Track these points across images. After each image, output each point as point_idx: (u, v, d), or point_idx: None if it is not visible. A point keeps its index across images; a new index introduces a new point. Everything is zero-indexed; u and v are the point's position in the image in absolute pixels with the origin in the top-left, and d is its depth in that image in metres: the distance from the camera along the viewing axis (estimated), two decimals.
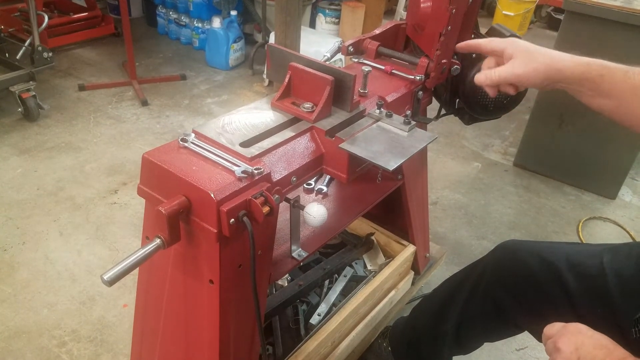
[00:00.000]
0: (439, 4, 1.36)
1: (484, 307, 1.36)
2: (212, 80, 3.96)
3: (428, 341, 1.55)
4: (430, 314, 1.55)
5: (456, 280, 1.49)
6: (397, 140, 1.19)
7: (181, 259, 1.09)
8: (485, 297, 1.36)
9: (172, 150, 1.05)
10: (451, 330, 1.45)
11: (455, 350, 1.53)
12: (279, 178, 1.07)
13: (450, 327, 1.45)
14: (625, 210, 2.82)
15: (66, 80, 3.73)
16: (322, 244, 1.37)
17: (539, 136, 2.98)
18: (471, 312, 1.40)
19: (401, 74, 1.49)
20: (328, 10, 4.20)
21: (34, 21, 3.02)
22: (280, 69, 1.30)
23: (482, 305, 1.37)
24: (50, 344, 1.82)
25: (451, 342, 1.48)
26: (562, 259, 1.15)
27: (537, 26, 5.87)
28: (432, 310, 1.55)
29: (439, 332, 1.49)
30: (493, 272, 1.34)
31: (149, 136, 3.14)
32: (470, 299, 1.40)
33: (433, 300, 1.58)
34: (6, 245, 2.22)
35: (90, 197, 2.56)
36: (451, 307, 1.45)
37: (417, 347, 1.60)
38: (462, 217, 2.65)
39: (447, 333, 1.46)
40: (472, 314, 1.40)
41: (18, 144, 2.93)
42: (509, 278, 1.27)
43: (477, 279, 1.39)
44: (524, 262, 1.24)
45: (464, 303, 1.42)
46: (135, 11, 4.92)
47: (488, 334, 1.47)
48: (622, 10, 2.45)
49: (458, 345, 1.49)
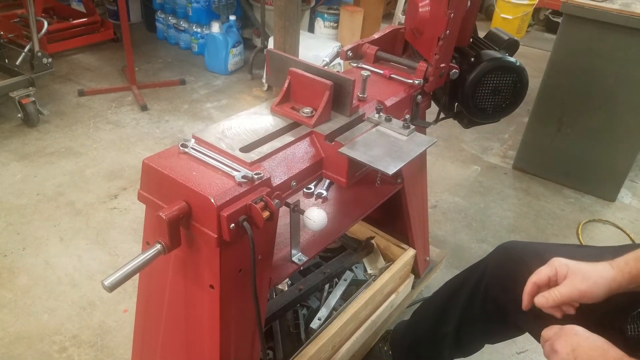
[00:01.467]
0: (437, 8, 1.37)
1: (485, 308, 1.36)
2: (212, 85, 3.97)
3: (428, 343, 1.55)
4: (431, 317, 1.55)
5: (456, 282, 1.49)
6: (396, 145, 1.19)
7: (181, 264, 1.09)
8: (485, 298, 1.36)
9: (172, 155, 1.05)
10: (451, 332, 1.45)
11: (455, 352, 1.53)
12: (278, 183, 1.08)
13: (450, 329, 1.45)
14: (625, 212, 2.83)
15: (66, 85, 3.73)
16: (322, 248, 1.37)
17: (538, 139, 2.98)
18: (471, 313, 1.40)
19: (400, 79, 1.49)
20: (327, 15, 4.21)
21: (33, 27, 3.02)
22: (279, 74, 1.30)
23: (482, 306, 1.37)
24: (51, 350, 1.82)
25: (451, 344, 1.48)
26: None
27: (535, 29, 5.88)
28: (432, 313, 1.55)
29: (439, 334, 1.49)
30: (493, 273, 1.34)
31: (148, 141, 3.15)
32: (470, 301, 1.40)
33: (433, 302, 1.58)
34: (6, 250, 2.22)
35: (90, 202, 2.56)
36: (451, 309, 1.45)
37: (418, 349, 1.60)
38: (462, 220, 2.65)
39: (448, 335, 1.46)
40: (472, 315, 1.40)
41: (18, 149, 2.94)
42: (509, 278, 1.28)
43: (477, 280, 1.39)
44: (525, 263, 1.24)
45: (464, 304, 1.42)
46: (134, 16, 4.93)
47: (488, 335, 1.47)
48: (620, 13, 2.46)
49: (458, 347, 1.49)
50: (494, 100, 1.56)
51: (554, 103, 2.84)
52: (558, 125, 2.87)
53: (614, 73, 2.60)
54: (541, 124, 2.93)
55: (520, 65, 1.52)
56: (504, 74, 1.52)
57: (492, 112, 1.59)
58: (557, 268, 1.06)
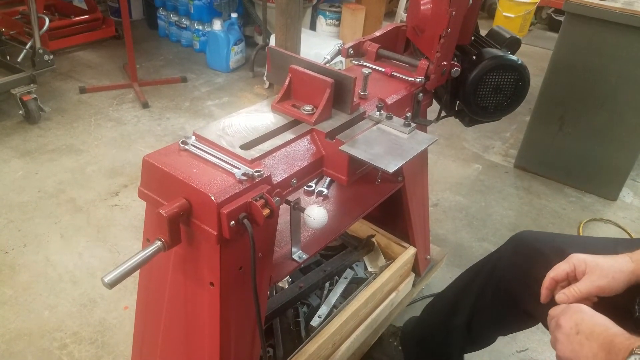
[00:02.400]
0: (439, 6, 1.36)
1: (497, 297, 1.36)
2: (213, 82, 3.96)
3: (439, 337, 1.55)
4: (442, 310, 1.55)
5: (469, 274, 1.50)
6: (397, 143, 1.19)
7: (182, 261, 1.09)
8: (498, 287, 1.36)
9: (173, 152, 1.05)
10: (463, 324, 1.45)
11: (466, 344, 1.52)
12: (279, 180, 1.07)
13: (462, 320, 1.45)
14: (626, 211, 2.82)
15: (67, 82, 3.73)
16: (323, 246, 1.37)
17: (539, 138, 2.98)
18: (483, 303, 1.40)
19: (401, 76, 1.49)
20: (328, 13, 4.20)
21: (35, 24, 3.02)
22: (280, 72, 1.30)
23: (495, 294, 1.37)
24: (52, 346, 1.82)
25: (463, 337, 1.48)
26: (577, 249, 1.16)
27: (538, 28, 5.87)
28: (443, 307, 1.56)
29: (450, 326, 1.49)
30: (508, 261, 1.34)
31: (149, 138, 3.15)
32: (482, 291, 1.40)
33: (444, 296, 1.58)
34: (7, 247, 2.22)
35: (91, 199, 2.56)
36: (464, 300, 1.46)
37: (428, 344, 1.60)
38: (463, 219, 2.65)
39: (459, 327, 1.46)
40: (484, 304, 1.40)
41: (19, 146, 2.94)
42: (523, 267, 1.28)
43: (490, 270, 1.39)
44: (539, 251, 1.25)
45: (476, 295, 1.42)
46: (136, 14, 4.92)
47: (500, 325, 1.46)
48: (623, 11, 2.45)
49: (470, 339, 1.49)
50: (496, 98, 1.56)
51: (555, 102, 2.84)
52: (560, 124, 2.86)
53: (616, 72, 2.59)
54: (543, 123, 2.93)
55: (521, 64, 1.52)
56: (505, 72, 1.52)
57: (493, 110, 1.58)
58: (575, 264, 1.07)
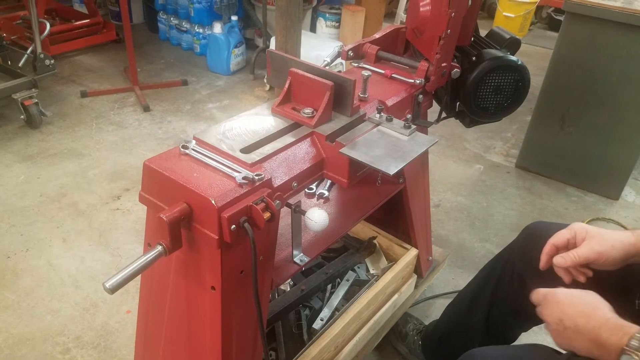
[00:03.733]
0: (438, 8, 1.36)
1: (512, 288, 1.36)
2: (214, 85, 3.97)
3: (459, 336, 1.55)
4: (461, 308, 1.55)
5: (485, 270, 1.50)
6: (397, 145, 1.19)
7: (183, 266, 1.09)
8: (512, 277, 1.35)
9: (173, 157, 1.05)
10: (481, 320, 1.45)
11: (486, 343, 1.52)
12: (279, 183, 1.08)
13: (480, 317, 1.45)
14: (629, 210, 2.81)
15: (68, 87, 3.74)
16: (324, 248, 1.37)
17: (541, 137, 2.98)
18: (500, 295, 1.40)
19: (401, 78, 1.49)
20: (328, 15, 4.21)
21: (35, 29, 3.03)
22: (280, 75, 1.30)
23: (509, 286, 1.36)
24: (54, 351, 1.82)
25: (482, 334, 1.47)
26: None
27: (538, 27, 5.86)
28: (462, 305, 1.56)
29: (470, 323, 1.49)
30: (521, 252, 1.34)
31: (151, 142, 3.15)
32: (498, 283, 1.40)
33: (463, 294, 1.59)
34: (9, 252, 2.23)
35: (93, 203, 2.56)
36: (481, 295, 1.46)
37: (448, 342, 1.60)
38: (465, 219, 2.65)
39: (478, 323, 1.46)
40: (501, 297, 1.40)
41: (21, 151, 2.95)
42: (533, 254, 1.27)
43: (504, 264, 1.39)
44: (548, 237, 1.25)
45: (492, 289, 1.42)
46: (136, 17, 4.93)
47: (518, 318, 1.44)
48: (623, 11, 2.45)
49: (489, 335, 1.48)
50: (496, 99, 1.56)
51: (556, 101, 2.83)
52: (561, 123, 2.86)
53: (616, 71, 2.59)
54: (544, 123, 2.92)
55: (521, 64, 1.52)
56: (505, 73, 1.52)
57: (494, 111, 1.58)
58: (576, 231, 1.07)
